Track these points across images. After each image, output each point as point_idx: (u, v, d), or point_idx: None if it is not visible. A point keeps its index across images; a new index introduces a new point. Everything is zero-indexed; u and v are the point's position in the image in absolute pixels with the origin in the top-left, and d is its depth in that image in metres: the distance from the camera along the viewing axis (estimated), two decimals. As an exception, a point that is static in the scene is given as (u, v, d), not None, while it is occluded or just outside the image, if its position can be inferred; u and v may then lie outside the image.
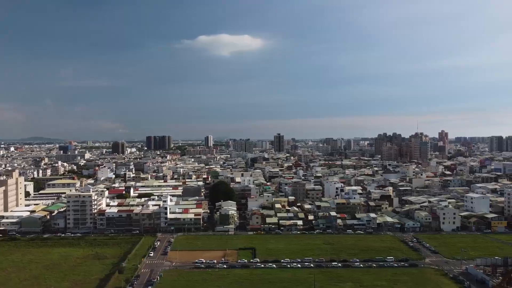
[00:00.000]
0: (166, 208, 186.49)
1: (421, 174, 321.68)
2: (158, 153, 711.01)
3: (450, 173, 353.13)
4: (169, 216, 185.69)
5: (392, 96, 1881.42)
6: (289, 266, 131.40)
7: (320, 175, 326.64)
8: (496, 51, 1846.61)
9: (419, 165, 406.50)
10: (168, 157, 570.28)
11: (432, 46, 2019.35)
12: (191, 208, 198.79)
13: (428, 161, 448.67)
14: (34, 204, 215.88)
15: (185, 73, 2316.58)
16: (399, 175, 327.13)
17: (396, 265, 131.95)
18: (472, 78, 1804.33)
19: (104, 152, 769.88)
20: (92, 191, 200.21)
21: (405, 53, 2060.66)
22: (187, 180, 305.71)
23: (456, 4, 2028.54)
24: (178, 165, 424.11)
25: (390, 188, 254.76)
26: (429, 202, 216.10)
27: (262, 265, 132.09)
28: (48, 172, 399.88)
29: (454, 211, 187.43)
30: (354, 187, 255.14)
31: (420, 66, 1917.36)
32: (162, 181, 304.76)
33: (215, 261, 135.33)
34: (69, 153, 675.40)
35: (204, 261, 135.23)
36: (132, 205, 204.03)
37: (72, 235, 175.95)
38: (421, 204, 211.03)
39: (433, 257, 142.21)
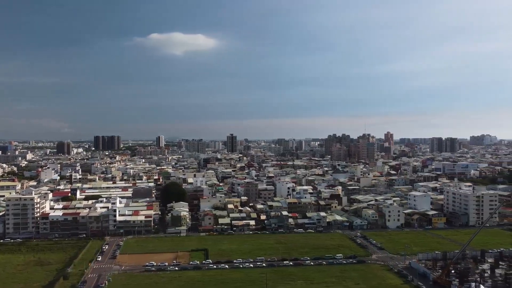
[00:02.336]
0: (115, 211, 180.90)
1: (368, 174, 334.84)
2: (107, 153, 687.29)
3: (395, 172, 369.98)
4: (118, 218, 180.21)
5: (341, 98, 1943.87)
6: (241, 266, 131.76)
7: (272, 175, 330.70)
8: (436, 58, 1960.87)
9: (367, 165, 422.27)
10: (118, 157, 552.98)
11: (379, 51, 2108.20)
12: (142, 210, 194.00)
13: (375, 161, 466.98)
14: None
15: (136, 72, 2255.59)
16: (347, 174, 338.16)
17: (345, 262, 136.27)
18: (415, 82, 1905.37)
19: (48, 153, 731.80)
20: (35, 194, 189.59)
21: (354, 57, 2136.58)
22: (137, 181, 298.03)
23: (402, 11, 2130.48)
24: (128, 166, 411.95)
25: (339, 188, 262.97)
26: (376, 200, 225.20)
27: (215, 266, 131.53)
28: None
29: (399, 209, 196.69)
30: (305, 187, 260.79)
31: (368, 70, 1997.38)
32: (111, 182, 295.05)
33: (167, 264, 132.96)
34: (8, 153, 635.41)
35: (155, 263, 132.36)
36: (79, 208, 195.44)
37: (12, 240, 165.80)
38: (368, 203, 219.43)
39: (379, 253, 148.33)
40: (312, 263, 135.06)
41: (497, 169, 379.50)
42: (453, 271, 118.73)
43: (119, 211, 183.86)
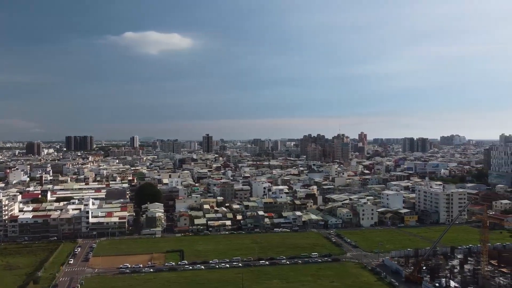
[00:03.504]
0: (87, 212, 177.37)
1: (343, 173, 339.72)
2: (79, 154, 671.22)
3: (369, 172, 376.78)
4: (91, 220, 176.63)
5: (317, 98, 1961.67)
6: (217, 266, 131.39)
7: (248, 175, 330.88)
8: (407, 60, 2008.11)
9: (341, 165, 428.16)
10: (90, 158, 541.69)
11: (353, 52, 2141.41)
12: (116, 211, 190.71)
13: (349, 161, 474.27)
14: None
15: (109, 71, 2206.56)
16: (323, 174, 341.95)
17: (320, 260, 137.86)
18: (387, 83, 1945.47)
19: (17, 153, 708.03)
20: (3, 196, 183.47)
21: (329, 58, 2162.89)
22: (111, 182, 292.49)
23: (374, 15, 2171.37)
24: (101, 167, 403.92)
25: (315, 187, 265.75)
26: (350, 199, 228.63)
27: (190, 267, 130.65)
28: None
29: (372, 208, 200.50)
30: (281, 187, 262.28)
31: (342, 71, 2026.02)
32: (84, 183, 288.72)
33: (141, 265, 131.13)
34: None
35: (129, 265, 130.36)
36: (50, 210, 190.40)
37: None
38: (343, 202, 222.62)
39: (353, 251, 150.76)
40: (288, 262, 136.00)
41: (465, 168, 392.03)
42: (424, 268, 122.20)
43: (92, 212, 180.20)
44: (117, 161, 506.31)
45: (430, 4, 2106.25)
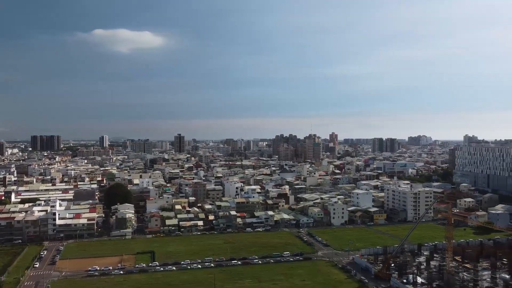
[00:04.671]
0: (54, 214, 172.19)
1: (314, 173, 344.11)
2: (46, 154, 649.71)
3: (339, 171, 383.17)
4: (58, 222, 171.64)
5: (289, 99, 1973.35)
6: (189, 267, 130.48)
7: (221, 175, 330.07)
8: (376, 62, 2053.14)
9: (313, 165, 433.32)
10: (58, 158, 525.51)
11: (323, 54, 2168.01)
12: (84, 213, 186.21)
13: (321, 161, 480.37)
14: None
15: (78, 68, 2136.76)
16: (294, 174, 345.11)
17: (292, 259, 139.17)
18: (357, 85, 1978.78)
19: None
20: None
21: (300, 59, 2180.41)
22: (79, 183, 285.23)
23: (343, 17, 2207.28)
24: (69, 167, 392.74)
25: (287, 187, 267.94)
26: (321, 199, 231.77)
27: (162, 269, 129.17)
28: None
29: (343, 207, 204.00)
30: (253, 187, 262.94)
31: (313, 72, 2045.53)
32: (50, 184, 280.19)
33: (111, 268, 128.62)
34: None
35: (98, 268, 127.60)
36: (14, 212, 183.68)
37: None
38: (314, 201, 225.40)
39: (324, 250, 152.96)
40: (260, 261, 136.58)
41: (432, 168, 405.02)
42: (393, 265, 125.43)
43: (59, 214, 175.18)
44: (85, 161, 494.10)
45: (398, 8, 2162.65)
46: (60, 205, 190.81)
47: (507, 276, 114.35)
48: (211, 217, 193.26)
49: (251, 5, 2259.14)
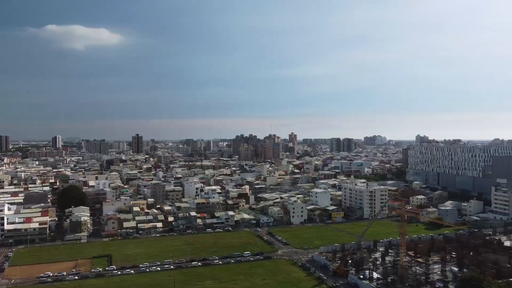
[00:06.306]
0: (2, 218, 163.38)
1: (274, 173, 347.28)
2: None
3: (299, 171, 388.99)
4: (7, 227, 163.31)
5: (249, 99, 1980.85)
6: (148, 270, 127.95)
7: (180, 176, 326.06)
8: (333, 64, 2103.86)
9: (273, 164, 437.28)
10: (6, 160, 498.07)
11: (283, 55, 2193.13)
12: (35, 217, 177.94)
13: (280, 161, 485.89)
14: None
15: (28, 65, 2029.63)
16: (255, 174, 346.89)
17: (252, 259, 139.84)
18: (315, 86, 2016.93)
19: None
20: None
21: (260, 59, 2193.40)
22: (30, 185, 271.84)
23: (303, 20, 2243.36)
24: (18, 169, 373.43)
25: (247, 187, 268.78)
26: (281, 198, 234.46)
27: (119, 272, 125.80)
28: None
29: (302, 206, 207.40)
30: (213, 187, 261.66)
31: (273, 72, 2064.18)
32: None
33: (65, 273, 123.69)
34: None
35: (51, 274, 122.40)
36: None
37: None
38: (274, 201, 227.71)
39: (284, 248, 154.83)
40: (220, 262, 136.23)
41: (386, 167, 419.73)
42: (350, 261, 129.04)
43: (7, 218, 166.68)
44: (37, 162, 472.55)
45: (353, 13, 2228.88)
46: (9, 209, 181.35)
47: (456, 269, 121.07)
48: (170, 219, 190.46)
49: (212, 5, 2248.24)
